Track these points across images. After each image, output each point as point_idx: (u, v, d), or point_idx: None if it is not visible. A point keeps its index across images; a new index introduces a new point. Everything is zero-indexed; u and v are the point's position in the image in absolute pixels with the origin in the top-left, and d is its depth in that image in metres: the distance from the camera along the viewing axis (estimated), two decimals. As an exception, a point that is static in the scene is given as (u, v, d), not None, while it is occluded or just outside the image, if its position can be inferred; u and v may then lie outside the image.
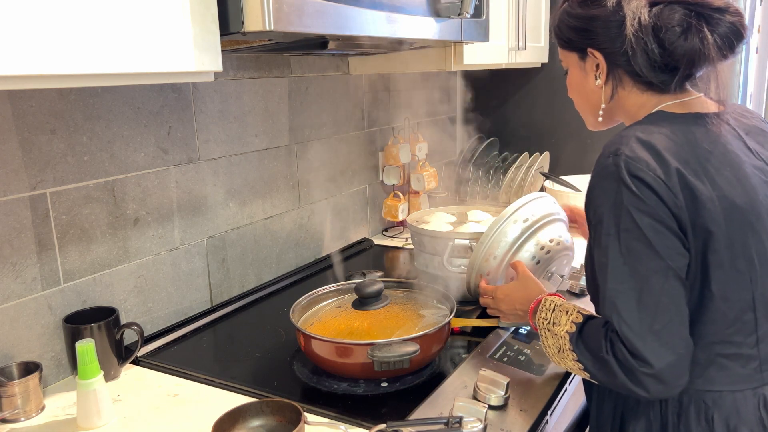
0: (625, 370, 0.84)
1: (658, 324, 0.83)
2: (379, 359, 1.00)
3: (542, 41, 2.21)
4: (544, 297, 1.03)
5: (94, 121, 1.17)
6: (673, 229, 0.84)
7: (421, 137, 2.11)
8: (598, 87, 1.00)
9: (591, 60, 0.99)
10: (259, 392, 1.06)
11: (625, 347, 0.84)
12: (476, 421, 0.91)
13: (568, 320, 0.94)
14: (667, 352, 0.83)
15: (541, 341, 1.00)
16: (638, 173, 0.83)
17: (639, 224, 0.83)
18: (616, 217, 0.85)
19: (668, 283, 0.84)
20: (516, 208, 1.32)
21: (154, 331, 1.31)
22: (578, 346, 0.91)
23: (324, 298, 1.28)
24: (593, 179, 0.90)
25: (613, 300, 0.85)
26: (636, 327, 0.83)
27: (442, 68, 1.66)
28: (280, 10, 0.87)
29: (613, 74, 0.97)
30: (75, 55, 0.71)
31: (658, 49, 0.90)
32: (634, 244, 0.84)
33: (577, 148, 2.36)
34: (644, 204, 0.83)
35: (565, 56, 1.05)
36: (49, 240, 1.11)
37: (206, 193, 1.42)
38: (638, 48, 0.91)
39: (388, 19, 1.12)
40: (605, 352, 0.86)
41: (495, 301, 1.21)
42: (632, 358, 0.83)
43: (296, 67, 1.65)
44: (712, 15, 0.88)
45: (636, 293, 0.84)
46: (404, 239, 2.00)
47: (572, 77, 1.06)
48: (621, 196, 0.84)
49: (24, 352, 1.09)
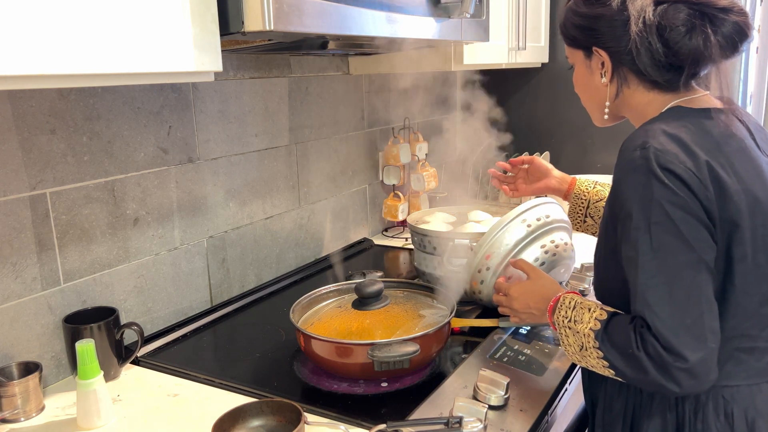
0: (657, 365, 0.83)
1: (690, 318, 0.82)
2: (379, 359, 1.00)
3: (542, 41, 2.21)
4: (562, 295, 1.01)
5: (94, 121, 1.17)
6: (703, 221, 0.83)
7: (421, 137, 2.11)
8: (603, 85, 1.00)
9: (596, 58, 0.99)
10: (259, 392, 1.06)
11: (658, 342, 0.83)
12: (476, 421, 0.91)
13: (592, 317, 0.92)
14: (699, 345, 0.82)
15: (560, 340, 0.98)
16: (669, 165, 0.83)
17: (671, 217, 0.82)
18: (645, 211, 0.84)
19: (699, 276, 0.83)
20: (524, 209, 1.32)
21: (154, 331, 1.31)
22: (604, 343, 0.89)
23: (324, 298, 1.28)
24: (619, 173, 0.88)
25: (644, 295, 0.84)
26: (668, 321, 0.82)
27: (442, 68, 1.66)
28: (280, 10, 0.87)
29: (618, 73, 0.98)
30: (75, 55, 0.71)
31: (663, 49, 0.90)
32: (666, 237, 0.83)
33: (577, 148, 2.36)
34: (676, 196, 0.82)
35: (570, 53, 1.05)
36: (49, 240, 1.11)
37: (206, 193, 1.42)
38: (643, 47, 0.91)
39: (388, 19, 1.12)
40: (636, 348, 0.85)
41: (508, 298, 1.17)
42: (666, 353, 0.82)
43: (296, 67, 1.65)
44: (717, 15, 0.88)
45: (667, 287, 0.83)
46: (404, 239, 2.00)
47: (578, 74, 1.06)
48: (651, 189, 0.83)
49: (24, 352, 1.09)
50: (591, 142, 2.33)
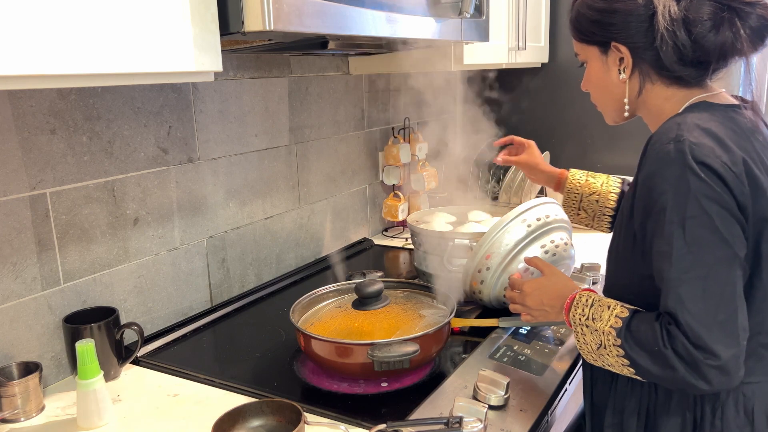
0: (686, 363, 0.82)
1: (723, 314, 0.81)
2: (379, 359, 1.00)
3: (542, 41, 2.21)
4: (579, 292, 0.98)
5: (94, 121, 1.17)
6: (738, 217, 0.82)
7: (421, 137, 2.11)
8: (621, 81, 0.97)
9: (614, 54, 0.96)
10: (259, 392, 1.06)
11: (688, 339, 0.81)
12: (476, 421, 0.91)
13: (612, 315, 0.90)
14: (732, 342, 0.81)
15: (576, 338, 0.96)
16: (705, 159, 0.81)
17: (708, 211, 0.81)
18: (680, 204, 0.82)
19: (732, 272, 0.82)
20: (524, 209, 1.32)
21: (154, 331, 1.31)
22: (627, 341, 0.87)
23: (324, 298, 1.28)
24: (652, 166, 0.86)
25: (677, 290, 0.83)
26: (702, 317, 0.81)
27: (442, 68, 1.66)
28: (280, 10, 0.87)
29: (639, 68, 0.95)
30: (75, 55, 0.71)
31: (690, 43, 0.89)
32: (702, 231, 0.82)
33: (577, 148, 2.36)
34: (713, 190, 0.81)
35: (582, 49, 1.02)
36: (49, 240, 1.11)
37: (206, 193, 1.42)
38: (669, 42, 0.89)
39: (388, 19, 1.12)
40: (663, 346, 0.83)
41: (522, 295, 1.13)
42: (696, 350, 0.81)
43: (296, 67, 1.65)
44: (743, 8, 0.87)
45: (702, 282, 0.82)
46: (404, 239, 2.00)
47: (592, 71, 1.02)
48: (687, 183, 0.82)
49: (24, 352, 1.09)
50: (591, 142, 2.33)
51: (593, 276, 1.51)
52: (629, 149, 2.23)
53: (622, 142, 2.25)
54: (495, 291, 1.31)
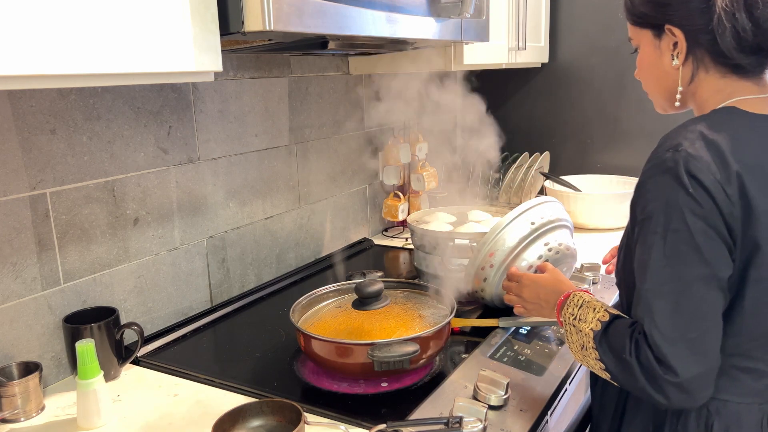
0: (647, 375, 0.81)
1: (693, 332, 0.79)
2: (379, 359, 1.00)
3: (542, 41, 2.21)
4: (573, 292, 0.99)
5: (94, 121, 1.17)
6: (724, 237, 0.79)
7: (421, 137, 2.11)
8: (674, 68, 0.91)
9: (668, 38, 0.90)
10: (259, 392, 1.06)
11: (651, 352, 0.80)
12: (476, 421, 0.91)
13: (595, 317, 0.90)
14: (697, 362, 0.80)
15: (565, 337, 0.97)
16: (697, 174, 0.78)
17: (690, 227, 0.79)
18: (666, 216, 0.80)
19: (710, 292, 0.80)
20: (528, 207, 1.32)
21: (154, 331, 1.31)
22: (601, 344, 0.87)
23: (324, 298, 1.28)
24: (647, 171, 0.84)
25: (648, 301, 0.82)
26: (668, 333, 0.79)
27: (442, 68, 1.66)
28: (280, 10, 0.87)
29: (693, 54, 0.89)
30: (75, 55, 0.71)
31: (751, 27, 0.82)
32: (682, 247, 0.79)
33: (577, 148, 2.36)
34: (699, 207, 0.78)
35: (636, 33, 0.96)
36: (49, 240, 1.11)
37: (206, 193, 1.42)
38: (727, 25, 0.82)
39: (388, 19, 1.12)
40: (628, 354, 0.82)
41: (519, 285, 1.14)
42: (657, 364, 0.80)
43: (296, 67, 1.65)
44: None
45: (674, 297, 0.80)
46: (404, 239, 2.00)
47: (644, 56, 0.96)
48: (675, 195, 0.79)
49: (24, 352, 1.09)
50: (591, 142, 2.33)
51: (593, 276, 1.51)
52: (629, 149, 2.23)
53: (622, 142, 2.25)
54: (498, 289, 1.31)
